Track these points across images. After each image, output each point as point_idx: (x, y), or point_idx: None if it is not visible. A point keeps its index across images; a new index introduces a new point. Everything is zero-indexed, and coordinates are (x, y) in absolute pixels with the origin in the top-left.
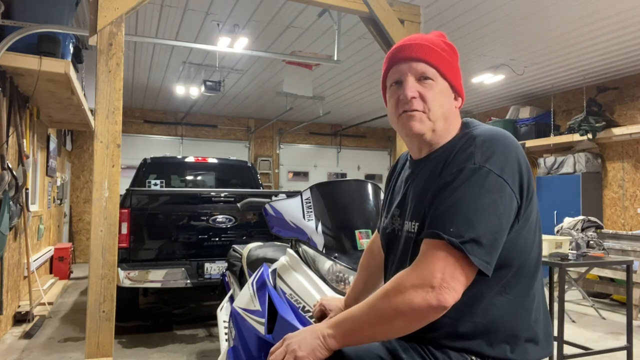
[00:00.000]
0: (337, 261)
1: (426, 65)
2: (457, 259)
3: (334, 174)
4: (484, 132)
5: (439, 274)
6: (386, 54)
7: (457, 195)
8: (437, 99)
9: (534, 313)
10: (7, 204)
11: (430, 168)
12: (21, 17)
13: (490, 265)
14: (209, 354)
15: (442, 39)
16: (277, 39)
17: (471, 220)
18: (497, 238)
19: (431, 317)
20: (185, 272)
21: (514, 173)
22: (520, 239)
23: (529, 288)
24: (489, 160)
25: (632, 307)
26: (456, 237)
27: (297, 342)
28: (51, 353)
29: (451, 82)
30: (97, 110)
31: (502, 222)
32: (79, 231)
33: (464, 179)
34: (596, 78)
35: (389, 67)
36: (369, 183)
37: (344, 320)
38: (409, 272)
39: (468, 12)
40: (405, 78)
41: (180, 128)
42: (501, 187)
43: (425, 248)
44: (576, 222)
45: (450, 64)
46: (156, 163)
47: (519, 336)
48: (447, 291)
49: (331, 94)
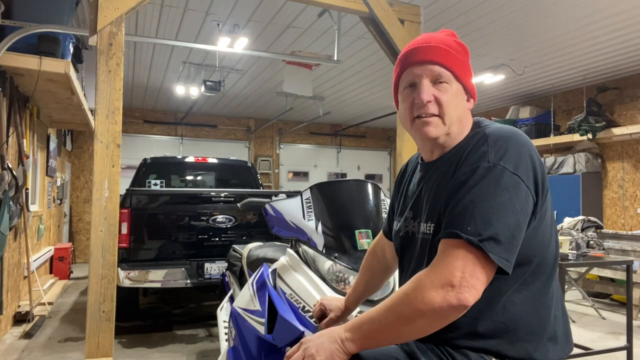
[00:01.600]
0: (337, 261)
1: (441, 68)
2: (476, 257)
3: (334, 174)
4: (496, 131)
5: (459, 273)
6: (386, 54)
7: (473, 194)
8: (452, 103)
9: (554, 310)
10: (7, 204)
11: (444, 169)
12: (21, 17)
13: (510, 263)
14: (209, 354)
15: (453, 38)
16: (277, 39)
17: (489, 218)
18: (515, 235)
19: (452, 317)
20: (185, 272)
21: (528, 170)
22: (538, 235)
23: (547, 285)
24: (503, 158)
25: (632, 307)
26: (474, 235)
27: (314, 346)
28: (51, 353)
29: (465, 84)
30: (97, 110)
31: (520, 219)
32: (79, 231)
33: (479, 178)
34: (596, 78)
35: (403, 69)
36: (369, 183)
37: (363, 322)
38: (428, 272)
39: (468, 12)
40: (421, 81)
41: (180, 128)
42: (516, 184)
43: (444, 248)
44: (576, 222)
45: (464, 65)
46: (156, 163)
47: (539, 334)
48: (467, 290)
49: (331, 94)
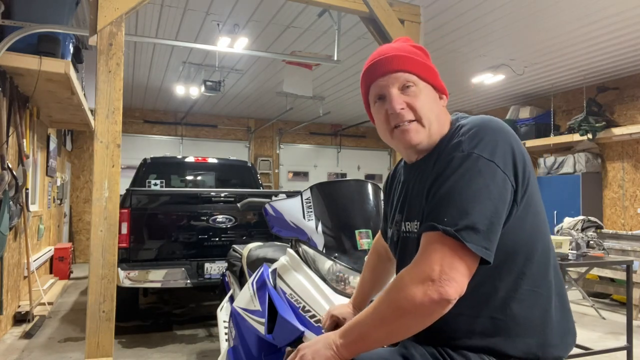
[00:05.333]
0: (337, 261)
1: (405, 74)
2: (454, 249)
3: (334, 174)
4: (470, 121)
5: (437, 266)
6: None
7: (449, 185)
8: (426, 104)
9: (553, 301)
10: (7, 204)
11: (424, 167)
12: (21, 17)
13: (490, 251)
14: (209, 354)
15: (409, 43)
16: (277, 39)
17: (464, 207)
18: (493, 222)
19: (437, 313)
20: (185, 272)
21: (506, 156)
22: (525, 225)
23: (544, 276)
24: (478, 145)
25: (632, 307)
26: (451, 225)
27: (311, 352)
28: (51, 353)
29: (432, 83)
30: (97, 110)
31: (498, 206)
32: (79, 231)
33: (455, 168)
34: (596, 78)
35: (368, 85)
36: (369, 183)
37: (353, 327)
38: (409, 269)
39: (468, 12)
40: (389, 91)
41: (180, 128)
42: (492, 170)
43: (424, 242)
44: (576, 222)
45: (426, 66)
46: (156, 163)
47: (540, 327)
48: (447, 283)
49: (331, 94)
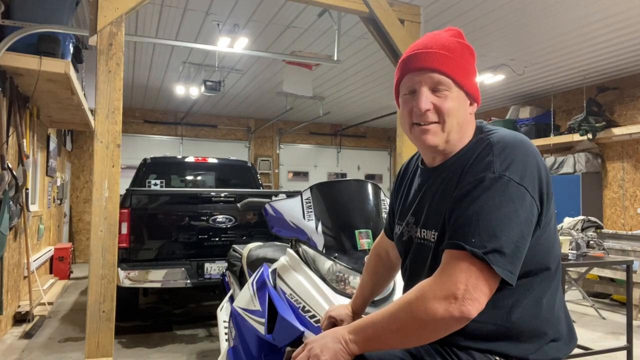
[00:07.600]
0: (337, 261)
1: (440, 76)
2: (480, 270)
3: (334, 174)
4: (501, 139)
5: (462, 286)
6: (386, 54)
7: (478, 205)
8: (452, 110)
9: (557, 311)
10: (7, 204)
11: (447, 176)
12: (21, 17)
13: (513, 275)
14: (209, 354)
15: (457, 39)
16: (277, 39)
17: (493, 230)
18: (519, 247)
19: (454, 328)
20: (185, 272)
21: (534, 180)
22: (542, 242)
23: (550, 289)
24: (509, 168)
25: (632, 307)
26: (478, 247)
27: (319, 346)
28: (51, 353)
29: (467, 89)
30: (97, 110)
31: (524, 230)
32: (79, 231)
33: (485, 189)
34: (596, 78)
35: (403, 75)
36: (369, 183)
37: (367, 326)
38: (432, 283)
39: (468, 12)
40: (420, 89)
41: (180, 128)
42: (522, 195)
43: (448, 259)
44: (576, 222)
45: (467, 70)
46: (156, 163)
47: (543, 336)
48: (470, 302)
49: (331, 94)
